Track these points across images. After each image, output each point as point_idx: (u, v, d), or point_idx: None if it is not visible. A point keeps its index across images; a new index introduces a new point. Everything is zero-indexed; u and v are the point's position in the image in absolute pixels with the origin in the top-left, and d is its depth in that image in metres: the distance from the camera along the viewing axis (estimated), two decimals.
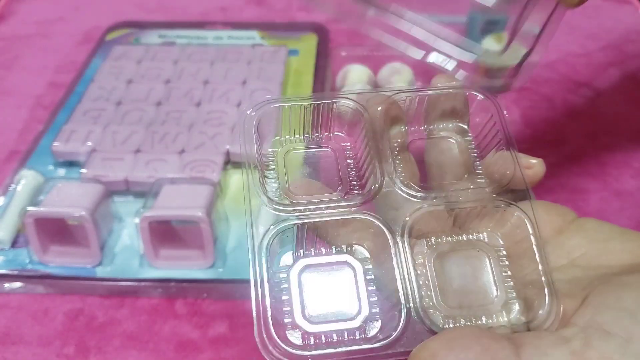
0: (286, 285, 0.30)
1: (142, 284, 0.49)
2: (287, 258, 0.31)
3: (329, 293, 0.30)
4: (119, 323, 0.47)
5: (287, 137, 0.35)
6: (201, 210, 0.48)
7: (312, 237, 0.32)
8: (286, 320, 0.29)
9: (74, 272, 0.50)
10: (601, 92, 0.70)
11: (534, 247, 0.30)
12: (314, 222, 0.30)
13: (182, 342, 0.46)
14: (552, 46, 0.80)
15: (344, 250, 0.31)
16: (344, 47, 0.75)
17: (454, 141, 0.35)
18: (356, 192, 0.33)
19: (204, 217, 0.48)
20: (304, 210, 0.31)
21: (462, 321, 0.30)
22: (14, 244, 0.52)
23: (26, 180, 0.56)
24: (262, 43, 0.76)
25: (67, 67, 0.74)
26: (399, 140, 0.35)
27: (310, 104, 0.34)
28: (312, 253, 0.31)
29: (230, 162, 0.58)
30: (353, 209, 0.31)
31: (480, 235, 0.32)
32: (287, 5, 0.86)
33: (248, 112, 0.33)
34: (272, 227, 0.30)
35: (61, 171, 0.59)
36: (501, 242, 0.32)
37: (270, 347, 0.27)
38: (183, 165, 0.56)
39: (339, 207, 0.31)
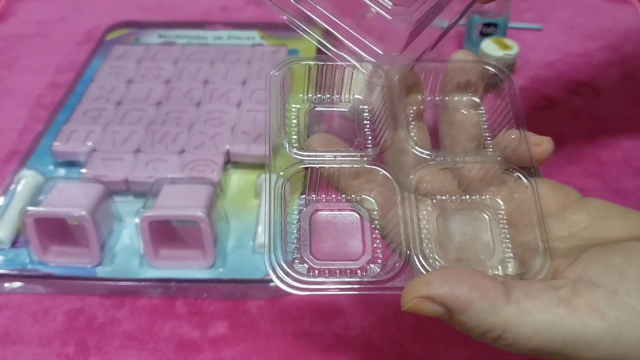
0: (297, 224, 0.32)
1: (142, 284, 0.49)
2: (300, 200, 0.33)
3: (336, 236, 0.32)
4: (119, 323, 0.47)
5: (309, 95, 0.37)
6: (201, 210, 0.48)
7: (324, 183, 0.33)
8: (294, 255, 0.31)
9: (74, 272, 0.50)
10: (601, 92, 0.70)
11: (534, 212, 0.31)
12: (326, 168, 0.32)
13: (182, 342, 0.46)
14: (552, 46, 0.80)
15: (354, 199, 0.33)
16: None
17: (466, 113, 0.37)
18: (370, 148, 0.34)
19: (204, 217, 0.48)
20: (319, 157, 0.32)
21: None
22: (14, 243, 0.52)
23: (26, 180, 0.56)
24: (262, 43, 0.76)
25: (67, 67, 0.74)
26: (415, 108, 0.36)
27: (334, 65, 0.35)
28: (324, 199, 0.33)
29: (230, 162, 0.58)
30: (365, 159, 0.32)
31: (484, 197, 0.33)
32: None
33: (272, 72, 0.35)
34: (286, 169, 0.32)
35: (61, 171, 0.59)
36: (503, 206, 0.33)
37: (280, 273, 0.29)
38: (183, 165, 0.56)
39: (353, 156, 0.32)
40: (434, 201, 0.33)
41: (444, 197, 0.33)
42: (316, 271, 0.31)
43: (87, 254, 0.50)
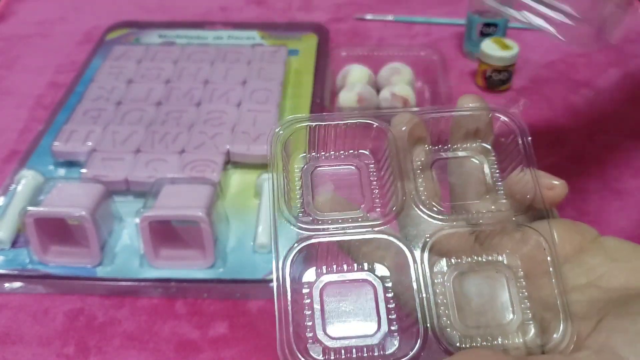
0: (308, 301, 0.31)
1: (142, 284, 0.49)
2: (309, 274, 0.32)
3: (350, 309, 0.31)
4: (119, 323, 0.47)
5: (312, 154, 0.36)
6: (201, 210, 0.48)
7: (334, 253, 0.32)
8: (308, 335, 0.30)
9: (74, 272, 0.50)
10: (601, 92, 0.70)
11: (551, 270, 0.30)
12: (336, 240, 0.31)
13: (182, 342, 0.46)
14: (552, 46, 0.80)
15: (365, 267, 0.32)
16: (344, 47, 0.75)
17: (477, 161, 0.36)
18: (378, 210, 0.34)
19: (204, 217, 0.48)
20: (327, 229, 0.32)
21: (479, 340, 0.30)
22: (14, 243, 0.52)
23: (26, 180, 0.56)
24: (262, 43, 0.76)
25: (67, 67, 0.74)
26: (422, 160, 0.36)
27: (336, 123, 0.35)
28: (334, 270, 0.32)
29: (230, 162, 0.58)
30: (375, 228, 0.32)
31: (499, 256, 0.33)
32: (287, 5, 0.86)
33: (277, 130, 0.34)
34: (295, 244, 0.31)
35: (61, 171, 0.59)
36: (519, 264, 0.32)
37: None
38: (183, 165, 0.56)
39: (361, 226, 0.32)
40: (450, 262, 0.32)
41: (459, 259, 0.32)
42: (331, 352, 0.29)
43: (87, 254, 0.50)
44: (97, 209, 0.49)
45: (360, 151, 0.36)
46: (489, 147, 0.36)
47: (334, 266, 0.32)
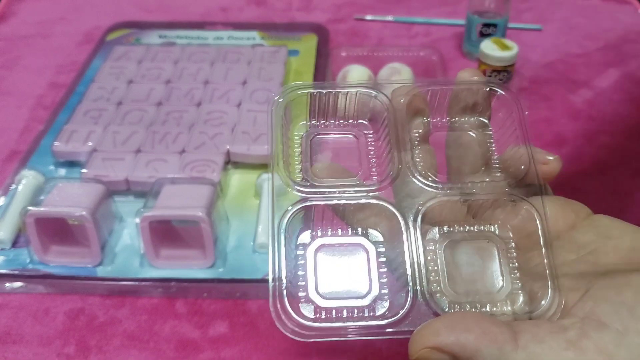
0: (302, 262, 0.31)
1: (143, 283, 0.49)
2: (304, 237, 0.32)
3: (343, 272, 0.31)
4: (120, 323, 0.47)
5: (312, 122, 0.37)
6: (201, 210, 0.48)
7: (329, 218, 0.33)
8: (300, 294, 0.30)
9: (75, 272, 0.50)
10: (601, 92, 0.70)
11: (541, 242, 0.31)
12: (332, 204, 0.32)
13: (182, 342, 0.46)
14: (551, 46, 0.80)
15: (359, 232, 0.33)
16: (344, 47, 0.75)
17: (474, 135, 0.37)
18: (374, 178, 0.34)
19: (205, 217, 0.48)
20: (324, 192, 0.32)
21: (468, 307, 0.31)
22: (15, 243, 0.52)
23: (27, 180, 0.56)
24: (262, 43, 0.76)
25: (67, 67, 0.74)
26: (420, 132, 0.36)
27: (337, 92, 0.36)
28: (329, 233, 0.33)
29: (230, 162, 0.58)
30: (370, 194, 0.32)
31: (492, 226, 0.33)
32: (287, 5, 0.87)
33: (275, 97, 0.35)
34: (291, 206, 0.32)
35: (62, 171, 0.59)
36: (511, 235, 0.33)
37: (284, 317, 0.29)
38: (183, 165, 0.56)
39: (357, 192, 0.32)
40: (442, 231, 0.33)
41: (452, 228, 0.33)
42: (323, 312, 0.30)
43: (87, 254, 0.50)
44: (97, 209, 0.50)
45: (359, 121, 0.37)
46: (487, 121, 0.37)
47: (329, 230, 0.33)
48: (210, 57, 0.71)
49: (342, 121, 0.37)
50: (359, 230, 0.33)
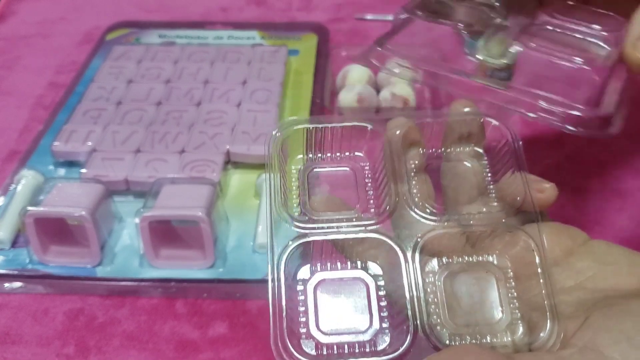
0: (302, 298, 0.31)
1: (142, 283, 0.49)
2: (304, 271, 0.32)
3: (343, 307, 0.31)
4: (119, 323, 0.47)
5: (310, 155, 0.37)
6: (201, 210, 0.48)
7: (328, 251, 0.33)
8: (301, 331, 0.30)
9: (74, 272, 0.50)
10: None
11: (539, 271, 0.31)
12: (330, 239, 0.32)
13: (182, 342, 0.46)
14: None
15: (359, 266, 0.33)
16: (344, 46, 0.75)
17: (469, 165, 0.37)
18: (372, 210, 0.35)
19: (204, 217, 0.48)
20: (322, 227, 0.33)
21: (468, 339, 0.31)
22: (14, 243, 0.52)
23: (26, 180, 0.56)
24: (262, 43, 0.76)
25: (67, 67, 0.74)
26: (416, 162, 0.36)
27: (333, 126, 0.36)
28: (328, 268, 0.33)
29: (230, 162, 0.58)
30: (368, 227, 0.33)
31: (490, 257, 0.33)
32: (287, 5, 0.86)
33: (274, 132, 0.35)
34: (291, 242, 0.32)
35: (61, 171, 0.59)
36: (509, 264, 0.33)
37: (285, 356, 0.29)
38: (183, 165, 0.56)
39: (355, 226, 0.33)
40: (441, 262, 0.33)
41: (450, 259, 0.33)
42: (324, 348, 0.30)
43: (87, 254, 0.50)
44: (97, 209, 0.49)
45: (355, 153, 0.37)
46: (481, 151, 0.37)
47: (329, 264, 0.33)
48: (210, 57, 0.71)
49: (338, 154, 0.37)
50: (359, 263, 0.33)
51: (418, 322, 0.30)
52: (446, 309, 0.31)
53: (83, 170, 0.56)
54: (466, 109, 0.36)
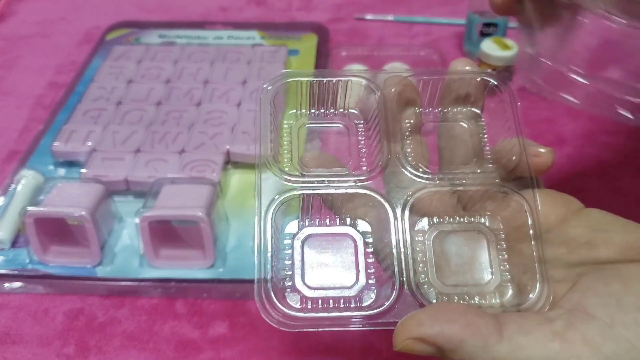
0: (289, 252, 0.31)
1: (142, 283, 0.49)
2: (292, 226, 0.32)
3: (330, 262, 0.31)
4: (119, 323, 0.47)
5: (302, 111, 0.36)
6: (201, 210, 0.48)
7: (318, 208, 0.33)
8: (287, 284, 0.30)
9: (74, 272, 0.50)
10: None
11: (531, 234, 0.31)
12: (320, 193, 0.32)
13: (182, 342, 0.46)
14: None
15: (348, 222, 0.32)
16: (344, 46, 0.75)
17: (466, 126, 0.36)
18: (364, 168, 0.34)
19: (204, 217, 0.48)
20: (312, 182, 0.32)
21: (456, 299, 0.31)
22: (14, 243, 0.52)
23: (26, 180, 0.56)
24: (262, 43, 0.76)
25: (67, 67, 0.74)
26: (412, 122, 0.35)
27: (327, 80, 0.35)
28: (317, 223, 0.32)
29: (230, 162, 0.58)
30: (359, 184, 0.32)
31: (482, 218, 0.33)
32: (287, 5, 0.86)
33: (265, 85, 0.34)
34: (277, 196, 0.31)
35: (61, 171, 0.59)
36: (501, 227, 0.33)
37: (268, 307, 0.29)
38: (183, 165, 0.56)
39: (346, 181, 0.32)
40: (431, 222, 0.32)
41: (441, 219, 0.33)
42: (309, 302, 0.30)
43: (87, 254, 0.50)
44: (97, 209, 0.49)
45: (350, 110, 0.36)
46: (479, 112, 0.36)
47: (317, 220, 0.32)
48: (210, 57, 0.71)
49: (332, 110, 0.36)
50: (347, 220, 0.32)
51: (404, 279, 0.30)
52: (434, 269, 0.31)
53: (83, 170, 0.56)
54: (466, 68, 0.35)
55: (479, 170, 0.34)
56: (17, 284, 0.50)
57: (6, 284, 0.49)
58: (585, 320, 0.25)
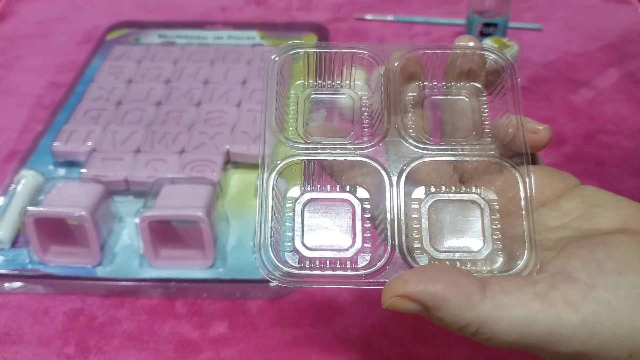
0: (290, 214, 0.33)
1: (142, 283, 0.49)
2: (294, 191, 0.34)
3: (329, 225, 0.33)
4: (119, 323, 0.47)
5: (310, 81, 0.38)
6: (201, 210, 0.48)
7: (319, 174, 0.34)
8: (286, 244, 0.32)
9: (74, 272, 0.50)
10: (601, 92, 0.70)
11: (523, 205, 0.32)
12: (321, 160, 0.33)
13: (182, 342, 0.46)
14: (552, 46, 0.80)
15: (347, 189, 0.34)
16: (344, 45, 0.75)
17: (467, 101, 0.37)
18: (365, 138, 0.35)
19: (204, 217, 0.48)
20: (315, 149, 0.33)
21: (447, 264, 0.32)
22: (14, 243, 0.52)
23: (26, 180, 0.56)
24: (262, 43, 0.76)
25: (67, 67, 0.74)
26: (415, 95, 0.36)
27: (333, 52, 0.36)
28: (318, 189, 0.34)
29: (230, 162, 0.58)
30: (359, 152, 0.33)
31: (477, 189, 0.34)
32: (287, 5, 0.86)
33: (273, 56, 0.36)
34: (280, 161, 0.33)
35: (61, 171, 0.59)
36: (495, 198, 0.34)
37: (266, 264, 0.30)
38: (183, 165, 0.56)
39: (347, 149, 0.33)
40: (428, 191, 0.33)
41: (438, 188, 0.34)
42: (307, 262, 0.31)
43: (87, 254, 0.50)
44: (97, 209, 0.49)
45: (356, 82, 0.38)
46: (481, 87, 0.37)
47: (318, 186, 0.34)
48: (210, 57, 0.71)
49: (338, 82, 0.38)
50: (347, 187, 0.34)
51: (396, 242, 0.31)
52: (428, 235, 0.32)
53: (83, 170, 0.56)
54: (470, 44, 0.36)
55: (477, 144, 0.35)
56: (17, 284, 0.50)
57: (6, 284, 0.49)
58: (568, 282, 0.26)
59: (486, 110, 0.36)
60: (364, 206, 0.33)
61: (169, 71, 0.68)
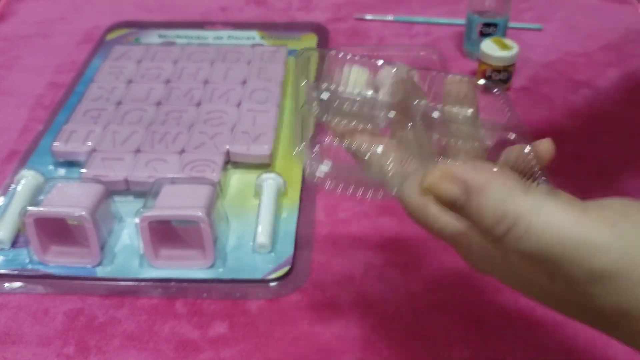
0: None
1: (142, 283, 0.49)
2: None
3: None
4: (119, 323, 0.47)
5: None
6: (201, 210, 0.48)
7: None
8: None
9: (74, 272, 0.50)
10: (601, 92, 0.70)
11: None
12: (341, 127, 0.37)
13: (182, 342, 0.46)
14: (552, 46, 0.80)
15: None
16: (344, 46, 0.75)
17: (462, 128, 0.38)
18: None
19: (204, 217, 0.48)
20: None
21: None
22: (14, 243, 0.52)
23: (26, 180, 0.56)
24: (262, 43, 0.76)
25: (67, 67, 0.74)
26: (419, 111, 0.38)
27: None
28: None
29: (230, 162, 0.58)
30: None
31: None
32: (287, 5, 0.86)
33: (300, 50, 0.40)
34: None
35: (61, 171, 0.59)
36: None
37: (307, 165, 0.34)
38: (183, 165, 0.56)
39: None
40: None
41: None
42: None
43: (87, 254, 0.50)
44: (97, 209, 0.49)
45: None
46: (470, 111, 0.38)
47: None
48: (210, 57, 0.71)
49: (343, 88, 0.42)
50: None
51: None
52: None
53: (83, 170, 0.56)
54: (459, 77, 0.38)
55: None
56: (17, 284, 0.50)
57: (6, 284, 0.49)
58: (605, 207, 0.27)
59: (483, 136, 0.38)
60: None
61: (169, 71, 0.68)
